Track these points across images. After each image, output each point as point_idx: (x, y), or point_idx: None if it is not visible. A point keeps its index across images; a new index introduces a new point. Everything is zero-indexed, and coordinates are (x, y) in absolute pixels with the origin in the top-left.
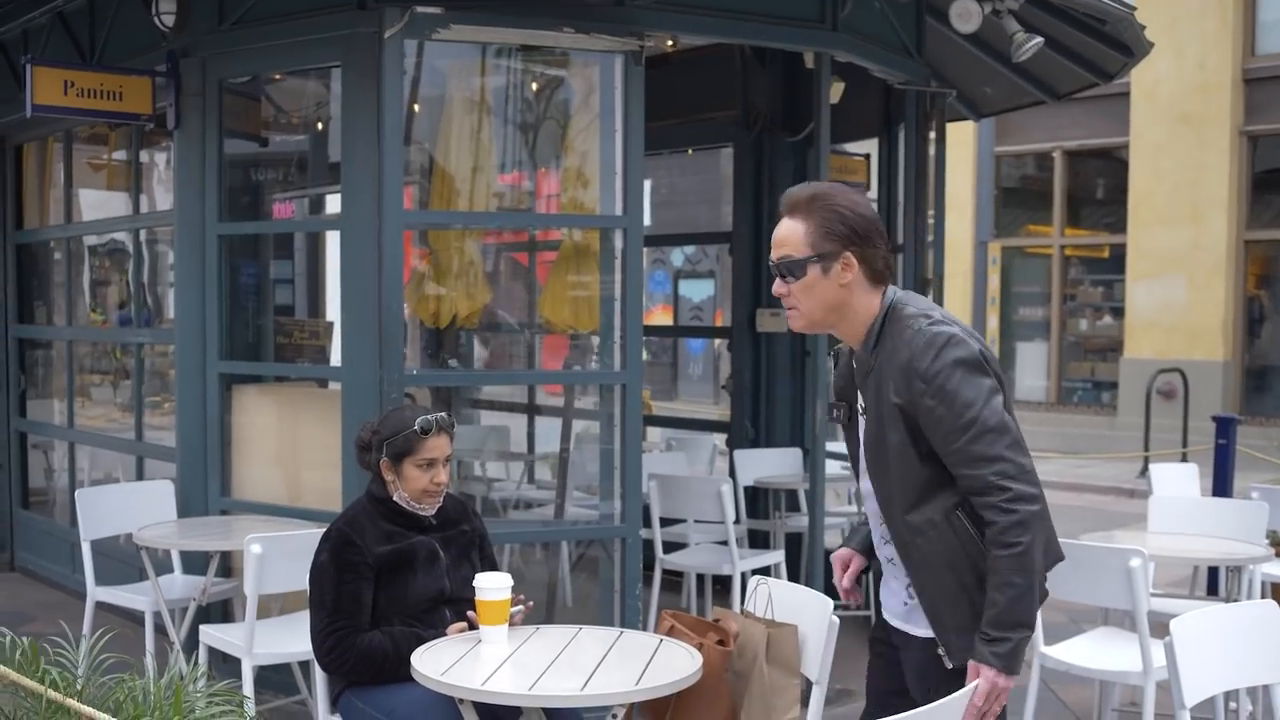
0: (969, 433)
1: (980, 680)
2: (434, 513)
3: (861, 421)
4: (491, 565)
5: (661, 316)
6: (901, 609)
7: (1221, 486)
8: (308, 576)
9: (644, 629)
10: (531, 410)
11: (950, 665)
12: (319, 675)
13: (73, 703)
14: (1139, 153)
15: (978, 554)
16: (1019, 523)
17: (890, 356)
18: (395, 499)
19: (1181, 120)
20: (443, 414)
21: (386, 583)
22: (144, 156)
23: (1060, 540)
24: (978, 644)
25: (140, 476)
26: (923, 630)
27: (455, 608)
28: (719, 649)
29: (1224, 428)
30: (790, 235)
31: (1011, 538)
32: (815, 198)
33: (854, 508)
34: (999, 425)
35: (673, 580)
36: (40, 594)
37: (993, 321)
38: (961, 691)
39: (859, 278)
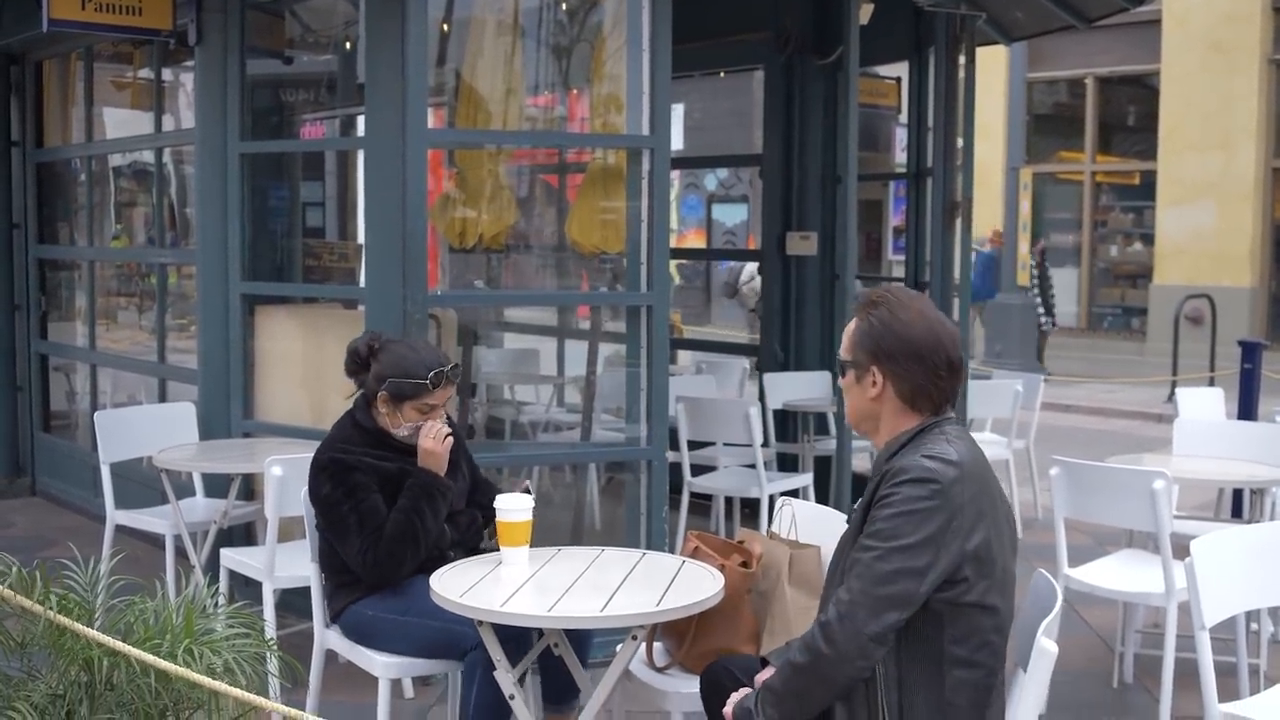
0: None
1: None
2: None
3: None
4: (470, 463)
5: (695, 240)
6: None
7: (1246, 410)
8: (315, 512)
9: (671, 552)
10: (561, 333)
11: None
12: (315, 592)
13: (77, 626)
14: (1170, 80)
15: None
16: (816, 655)
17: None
18: (381, 427)
19: (1212, 48)
20: (455, 364)
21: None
22: (167, 75)
23: (1086, 462)
24: None
25: (163, 399)
26: None
27: (451, 521)
28: (741, 570)
29: (1250, 352)
30: (846, 334)
31: (799, 655)
32: (871, 303)
33: None
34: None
35: (702, 504)
36: (61, 519)
37: (1023, 247)
38: None
39: (889, 395)
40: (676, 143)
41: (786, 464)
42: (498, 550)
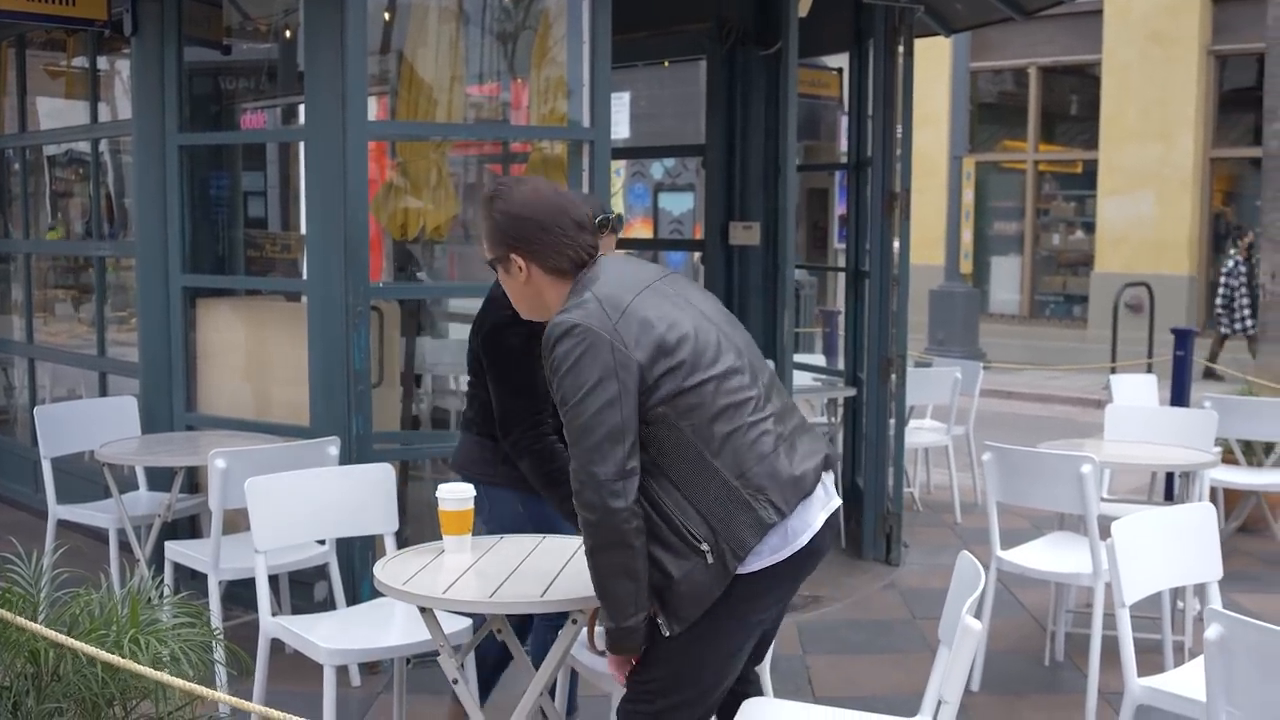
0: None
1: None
2: None
3: None
4: None
5: (641, 230)
6: None
7: (1179, 396)
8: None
9: None
10: None
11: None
12: (261, 581)
13: (20, 620)
14: (1110, 71)
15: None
16: (586, 524)
17: None
18: None
19: (1151, 39)
20: (619, 214)
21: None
22: (103, 64)
23: (1017, 448)
24: None
25: (104, 393)
26: None
27: None
28: None
29: (1182, 340)
30: (482, 235)
31: (588, 540)
32: (489, 199)
33: (824, 419)
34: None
35: None
36: (2, 514)
37: (967, 235)
38: None
39: (536, 274)
40: (623, 131)
41: None
42: None
